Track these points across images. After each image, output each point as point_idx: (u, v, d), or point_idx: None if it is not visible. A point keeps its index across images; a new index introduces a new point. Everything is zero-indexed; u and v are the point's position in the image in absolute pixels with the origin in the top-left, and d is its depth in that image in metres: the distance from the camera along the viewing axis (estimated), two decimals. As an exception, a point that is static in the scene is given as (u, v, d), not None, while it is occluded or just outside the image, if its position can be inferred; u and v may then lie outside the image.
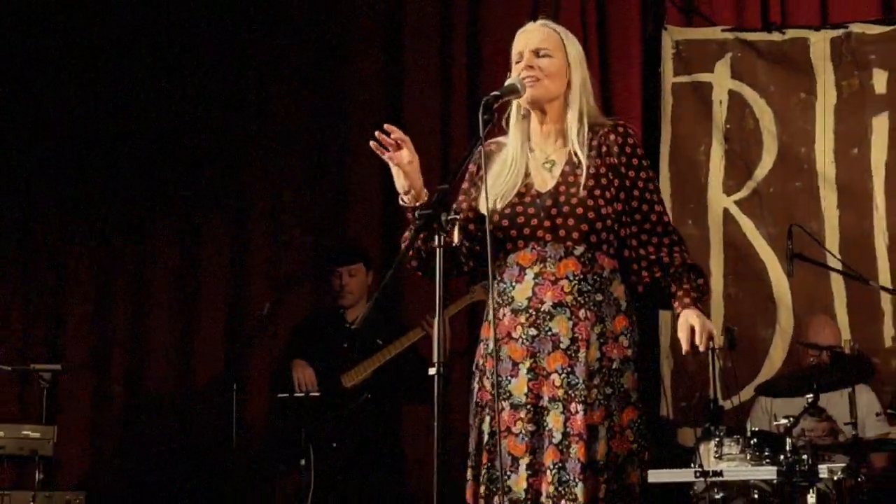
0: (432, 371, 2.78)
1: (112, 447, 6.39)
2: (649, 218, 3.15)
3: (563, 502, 2.94)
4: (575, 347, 3.02)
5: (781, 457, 4.49)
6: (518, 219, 3.11)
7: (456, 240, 2.89)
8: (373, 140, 3.02)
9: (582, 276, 3.05)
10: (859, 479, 4.53)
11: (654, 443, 3.54)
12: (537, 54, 3.15)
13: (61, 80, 6.64)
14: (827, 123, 6.04)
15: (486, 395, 3.10)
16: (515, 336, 3.08)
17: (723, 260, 6.06)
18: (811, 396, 4.68)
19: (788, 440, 4.52)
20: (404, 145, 3.05)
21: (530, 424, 3.02)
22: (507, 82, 3.11)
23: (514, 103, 3.18)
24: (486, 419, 3.08)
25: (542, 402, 3.02)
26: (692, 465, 4.62)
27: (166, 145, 6.66)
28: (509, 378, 3.07)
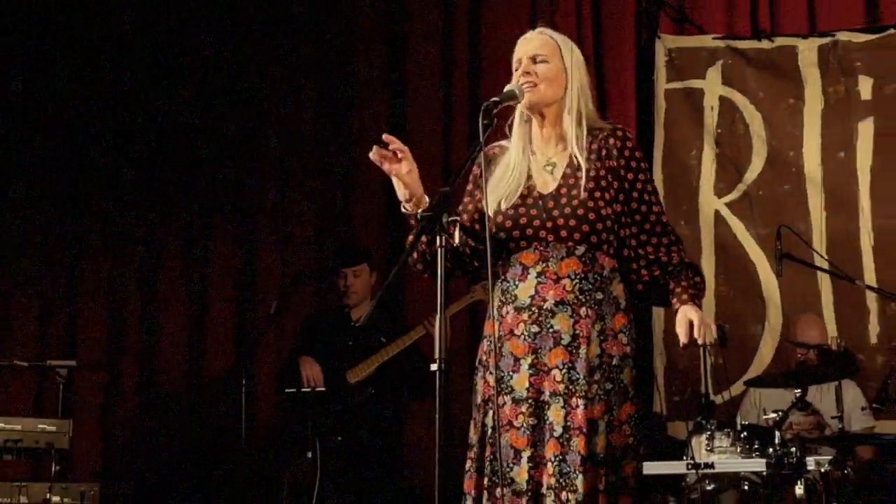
0: (434, 367, 2.78)
1: (125, 440, 6.41)
2: (648, 218, 3.16)
3: (563, 493, 2.95)
4: (576, 344, 3.03)
5: (770, 449, 4.48)
6: (521, 220, 3.12)
7: (457, 240, 2.90)
8: (372, 151, 3.01)
9: (583, 276, 3.06)
10: (846, 471, 4.54)
11: (648, 437, 3.54)
12: (534, 60, 3.17)
13: (71, 83, 6.67)
14: (814, 128, 6.05)
15: (489, 390, 3.11)
16: (518, 333, 3.08)
17: (714, 260, 6.06)
18: (799, 391, 4.68)
19: (777, 433, 4.53)
20: (403, 156, 3.03)
21: (531, 418, 3.03)
22: (506, 88, 3.12)
23: (518, 108, 3.19)
24: (490, 413, 3.08)
25: (543, 397, 3.03)
26: (684, 458, 4.62)
27: (175, 149, 6.68)
28: (511, 373, 3.08)
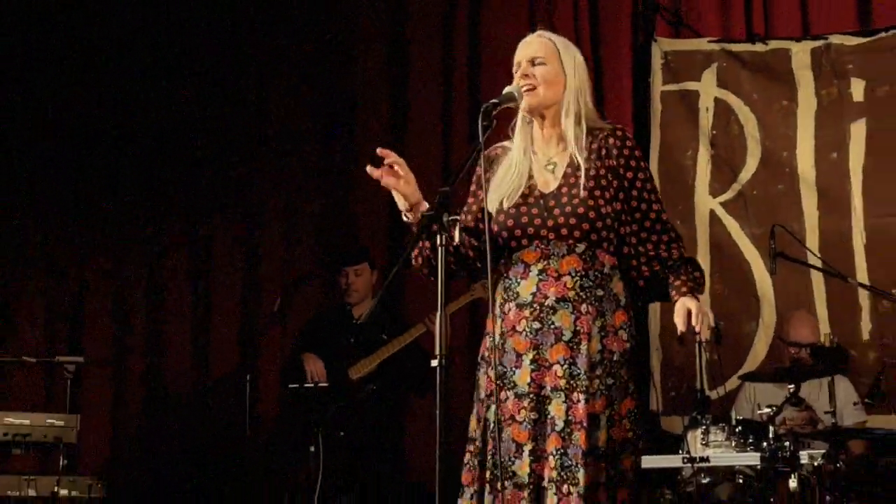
0: (435, 363, 2.78)
1: (132, 435, 6.42)
2: (648, 216, 3.16)
3: (565, 486, 2.94)
4: (577, 340, 3.03)
5: (764, 444, 4.49)
6: (522, 219, 3.12)
7: (457, 239, 2.90)
8: (368, 167, 3.04)
9: (584, 273, 3.06)
10: (838, 465, 4.55)
11: (646, 431, 3.54)
12: (533, 63, 3.17)
13: (75, 85, 6.66)
14: (807, 129, 6.04)
15: (492, 386, 3.10)
16: (520, 329, 3.08)
17: (709, 259, 6.06)
18: (792, 387, 4.69)
19: (771, 428, 4.53)
20: (400, 168, 3.05)
21: (533, 413, 3.02)
22: (505, 90, 3.12)
23: (520, 109, 3.19)
24: (492, 408, 3.07)
25: (545, 392, 3.03)
26: (680, 452, 4.63)
27: (179, 149, 6.68)
28: (514, 369, 3.07)
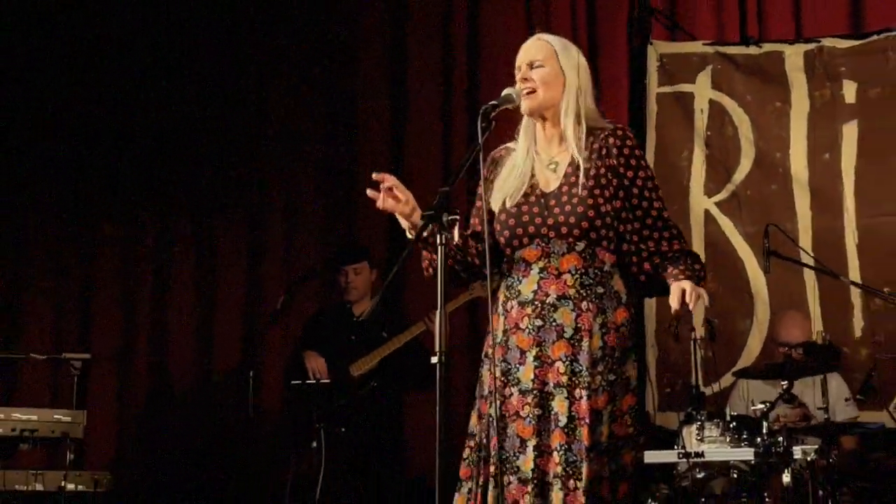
0: (435, 360, 2.77)
1: (137, 430, 6.41)
2: (650, 213, 3.12)
3: (571, 482, 2.93)
4: (578, 337, 3.01)
5: (758, 439, 4.49)
6: (523, 217, 3.11)
7: (457, 238, 2.89)
8: (369, 190, 3.04)
9: (584, 271, 3.05)
10: (830, 459, 4.54)
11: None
12: (532, 66, 3.16)
13: (80, 85, 6.65)
14: (800, 131, 6.03)
15: (496, 382, 3.08)
16: (522, 326, 3.07)
17: (704, 258, 5.98)
18: (786, 384, 4.67)
19: (765, 424, 4.53)
20: (397, 190, 3.04)
21: (537, 408, 3.00)
22: (504, 92, 3.11)
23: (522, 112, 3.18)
24: (496, 404, 3.05)
25: (548, 388, 3.01)
26: (675, 447, 4.62)
27: (183, 149, 6.68)
28: (517, 366, 3.06)
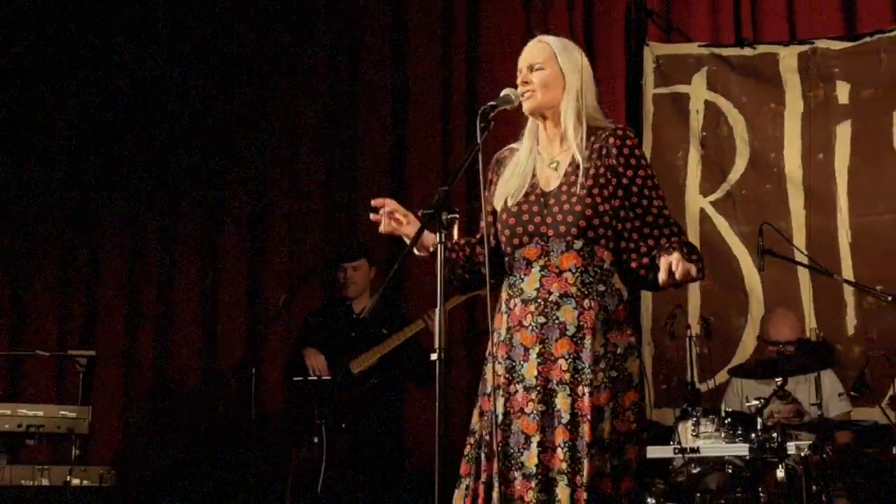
0: (434, 356, 2.75)
1: (141, 426, 6.41)
2: (650, 211, 3.10)
3: (577, 478, 2.92)
4: (581, 335, 3.00)
5: (753, 435, 4.49)
6: (523, 216, 3.11)
7: (455, 236, 2.87)
8: (372, 213, 3.09)
9: (583, 269, 3.03)
10: (824, 455, 4.53)
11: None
12: (532, 69, 3.15)
13: (86, 86, 6.66)
14: (794, 131, 6.03)
15: (500, 379, 3.07)
16: (526, 324, 3.05)
17: (700, 256, 6.03)
18: (780, 380, 4.66)
19: (759, 420, 4.52)
20: (398, 213, 3.08)
21: (541, 405, 2.99)
22: (502, 93, 3.11)
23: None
24: (500, 401, 3.04)
25: (551, 385, 3.00)
26: (671, 443, 4.61)
27: (188, 149, 6.67)
28: (522, 363, 3.04)
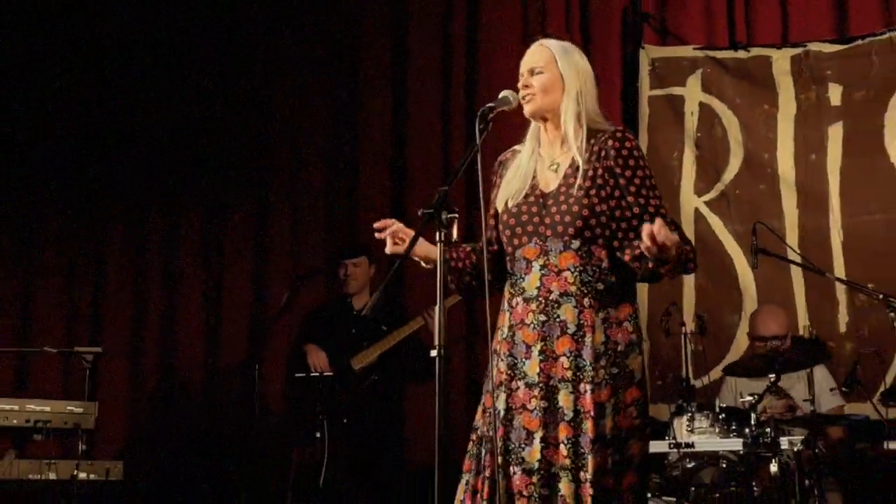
0: (434, 353, 2.75)
1: (146, 421, 6.42)
2: (647, 210, 3.08)
3: (581, 473, 2.92)
4: (581, 333, 3.00)
5: (747, 430, 4.49)
6: (522, 217, 3.12)
7: (455, 236, 2.87)
8: (377, 233, 3.13)
9: (582, 268, 3.03)
10: (817, 449, 4.54)
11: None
12: (532, 73, 3.16)
13: (90, 85, 6.65)
14: (787, 132, 6.04)
15: (502, 376, 3.07)
16: (528, 322, 3.06)
17: (694, 255, 6.03)
18: (773, 376, 4.66)
19: (753, 415, 4.52)
20: (402, 233, 3.11)
21: (543, 401, 2.99)
22: (501, 94, 3.11)
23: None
24: (502, 397, 3.04)
25: (553, 382, 3.00)
26: (666, 438, 4.61)
27: (192, 148, 6.68)
28: (524, 360, 3.04)
